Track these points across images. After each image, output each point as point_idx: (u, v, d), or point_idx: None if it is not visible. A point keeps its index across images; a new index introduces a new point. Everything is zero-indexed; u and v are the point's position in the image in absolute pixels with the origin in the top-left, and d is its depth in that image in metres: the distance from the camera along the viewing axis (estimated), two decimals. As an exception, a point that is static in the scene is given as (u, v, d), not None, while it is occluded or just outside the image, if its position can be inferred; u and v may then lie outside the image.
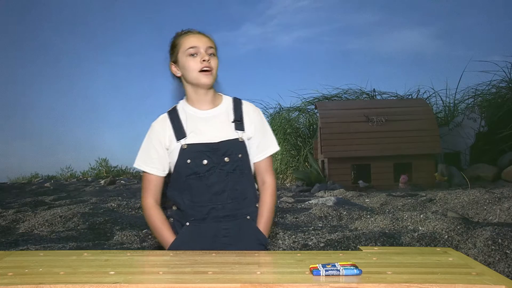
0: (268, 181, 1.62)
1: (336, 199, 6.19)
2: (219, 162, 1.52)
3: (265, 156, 1.62)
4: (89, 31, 21.15)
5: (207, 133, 1.54)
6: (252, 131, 1.59)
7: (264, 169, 1.62)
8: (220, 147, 1.52)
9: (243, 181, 1.56)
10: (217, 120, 1.58)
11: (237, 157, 1.54)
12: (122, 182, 12.39)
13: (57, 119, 21.16)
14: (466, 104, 11.72)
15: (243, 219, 1.57)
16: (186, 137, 1.54)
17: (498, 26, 19.32)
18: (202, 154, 1.51)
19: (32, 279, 1.06)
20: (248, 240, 1.54)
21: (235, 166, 1.53)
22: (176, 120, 1.57)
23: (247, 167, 1.57)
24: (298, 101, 13.75)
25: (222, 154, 1.52)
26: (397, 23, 20.85)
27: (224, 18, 20.66)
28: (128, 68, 21.33)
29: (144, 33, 21.36)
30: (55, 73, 20.64)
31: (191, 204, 1.53)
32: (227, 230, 1.54)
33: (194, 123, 1.57)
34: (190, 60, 1.54)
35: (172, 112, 1.60)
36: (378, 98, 12.67)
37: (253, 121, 1.60)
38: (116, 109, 21.83)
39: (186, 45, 1.54)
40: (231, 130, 1.56)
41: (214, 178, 1.52)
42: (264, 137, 1.62)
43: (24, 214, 5.45)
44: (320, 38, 21.04)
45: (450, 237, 3.60)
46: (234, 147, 1.54)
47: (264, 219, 1.59)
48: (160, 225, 1.56)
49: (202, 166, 1.51)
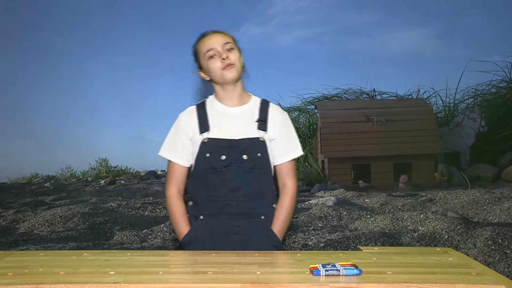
0: (288, 185, 1.62)
1: (336, 199, 6.19)
2: (237, 159, 1.54)
3: (287, 159, 1.62)
4: (89, 31, 21.15)
5: (229, 129, 1.57)
6: (276, 134, 1.60)
7: (286, 172, 1.63)
8: (240, 144, 1.54)
9: (260, 180, 1.57)
10: (241, 118, 1.60)
11: (256, 155, 1.55)
12: (122, 182, 12.38)
13: (57, 119, 21.16)
14: (466, 104, 11.73)
15: (257, 219, 1.57)
16: (209, 131, 1.57)
17: (498, 26, 19.32)
18: (221, 150, 1.54)
19: (32, 279, 1.06)
20: (260, 240, 1.55)
21: (253, 164, 1.55)
22: (202, 113, 1.61)
23: (266, 167, 1.58)
24: (298, 101, 13.78)
25: (241, 152, 1.54)
26: (397, 23, 20.86)
27: (224, 18, 20.67)
28: (128, 68, 21.34)
29: (144, 33, 21.37)
30: (55, 73, 20.65)
31: (206, 198, 1.55)
32: (239, 228, 1.54)
33: (219, 118, 1.59)
34: (210, 62, 1.57)
35: (200, 105, 1.64)
36: (378, 98, 12.68)
37: (277, 123, 1.62)
38: (116, 109, 21.84)
39: (203, 49, 1.58)
40: (253, 129, 1.58)
41: (231, 174, 1.53)
42: (288, 140, 1.63)
43: (24, 214, 5.45)
44: (320, 38, 21.05)
45: (450, 237, 3.60)
46: (254, 145, 1.55)
47: (280, 221, 1.59)
48: (179, 216, 1.58)
49: (220, 161, 1.53)
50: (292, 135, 1.65)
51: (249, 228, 1.55)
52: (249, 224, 1.55)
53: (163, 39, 21.78)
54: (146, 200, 7.07)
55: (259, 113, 1.61)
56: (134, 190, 9.75)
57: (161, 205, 6.25)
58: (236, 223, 1.54)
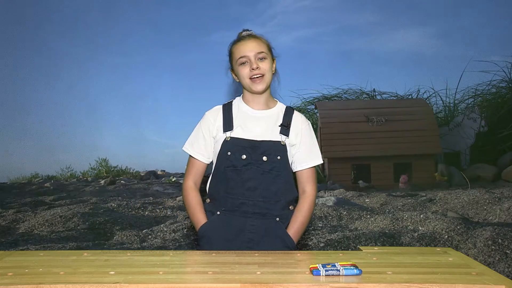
0: (308, 191, 1.66)
1: (336, 199, 6.19)
2: (257, 160, 1.58)
3: (308, 166, 1.66)
4: (89, 31, 21.12)
5: (252, 131, 1.61)
6: (298, 140, 1.64)
7: (306, 178, 1.67)
8: (261, 145, 1.58)
9: (277, 183, 1.60)
10: (265, 121, 1.65)
11: (275, 158, 1.59)
12: (122, 182, 12.38)
13: (57, 119, 21.12)
14: (466, 104, 11.73)
15: (272, 220, 1.60)
16: (232, 131, 1.61)
17: (498, 26, 19.30)
18: (242, 149, 1.58)
19: (32, 279, 1.07)
20: (274, 241, 1.57)
21: (272, 166, 1.59)
22: (228, 113, 1.65)
23: (284, 170, 1.61)
24: (298, 101, 13.75)
25: (261, 153, 1.58)
26: (397, 23, 20.83)
27: (224, 18, 20.63)
28: (128, 68, 21.31)
29: (144, 33, 21.33)
30: (55, 73, 20.61)
31: (225, 195, 1.60)
32: (254, 227, 1.58)
33: (244, 119, 1.64)
34: (241, 69, 1.62)
35: (227, 105, 1.69)
36: (378, 98, 12.68)
37: (300, 131, 1.66)
38: (116, 109, 21.81)
39: (236, 55, 1.62)
40: (276, 133, 1.62)
41: (249, 174, 1.58)
42: (310, 148, 1.67)
43: (24, 214, 5.45)
44: (320, 38, 21.02)
45: (450, 237, 3.60)
46: (274, 148, 1.59)
47: (296, 224, 1.62)
48: (195, 205, 1.64)
49: (240, 160, 1.58)
50: (314, 144, 1.69)
51: (263, 228, 1.58)
52: (264, 225, 1.58)
53: (163, 39, 21.76)
54: (146, 200, 7.07)
55: (283, 118, 1.65)
56: (134, 190, 9.75)
57: (161, 205, 6.25)
58: (251, 222, 1.58)
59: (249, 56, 1.60)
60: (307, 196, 1.66)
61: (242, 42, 1.62)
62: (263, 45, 1.63)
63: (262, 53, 1.61)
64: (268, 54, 1.63)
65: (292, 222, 1.62)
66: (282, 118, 1.65)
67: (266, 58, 1.62)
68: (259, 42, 1.62)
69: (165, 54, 20.34)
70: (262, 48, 1.62)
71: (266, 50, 1.63)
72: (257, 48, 1.61)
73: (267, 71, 1.62)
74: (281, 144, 1.60)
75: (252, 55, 1.60)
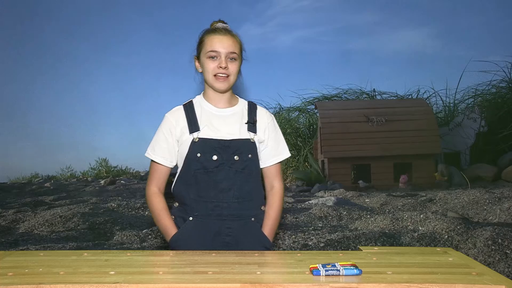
0: (276, 186, 1.64)
1: (336, 199, 6.19)
2: (229, 160, 1.53)
3: (276, 161, 1.64)
4: (89, 31, 21.14)
5: (220, 130, 1.57)
6: (266, 136, 1.61)
7: (274, 174, 1.65)
8: (231, 145, 1.54)
9: (250, 182, 1.57)
10: (231, 119, 1.60)
11: (247, 157, 1.55)
12: (122, 182, 12.38)
13: (57, 119, 21.13)
14: (466, 104, 11.72)
15: (248, 220, 1.57)
16: (200, 131, 1.55)
17: (498, 26, 19.31)
18: (213, 150, 1.53)
19: (32, 279, 1.06)
20: (250, 241, 1.55)
21: (244, 165, 1.55)
22: (191, 113, 1.59)
23: (256, 168, 1.58)
24: (298, 101, 13.77)
25: (233, 152, 1.54)
26: (397, 23, 20.84)
27: (224, 18, 20.54)
28: (128, 68, 21.31)
29: (144, 33, 21.35)
30: (55, 73, 20.62)
31: (196, 199, 1.54)
32: (230, 229, 1.54)
33: (209, 118, 1.59)
34: (209, 62, 1.56)
35: (188, 105, 1.63)
36: (378, 98, 12.68)
37: (266, 126, 1.62)
38: (116, 109, 21.81)
39: (208, 47, 1.55)
40: (244, 131, 1.58)
41: (222, 175, 1.53)
42: (276, 143, 1.64)
43: (24, 214, 5.45)
44: (320, 38, 21.03)
45: (450, 237, 3.60)
46: (245, 147, 1.55)
47: (270, 222, 1.60)
48: (160, 211, 1.57)
49: (211, 161, 1.52)
50: (279, 138, 1.66)
51: (240, 230, 1.55)
52: (240, 226, 1.55)
53: (163, 39, 21.76)
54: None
55: (248, 115, 1.61)
56: (134, 190, 9.75)
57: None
58: (227, 225, 1.54)
59: (220, 53, 1.54)
60: (276, 192, 1.63)
61: (217, 35, 1.55)
62: (237, 45, 1.57)
63: (234, 53, 1.55)
64: (239, 56, 1.58)
65: (265, 220, 1.60)
66: (247, 115, 1.61)
67: (236, 59, 1.57)
68: (234, 41, 1.56)
69: (165, 54, 20.34)
70: (235, 49, 1.56)
71: (238, 52, 1.57)
72: (231, 48, 1.55)
73: (234, 73, 1.56)
74: (251, 142, 1.56)
75: (224, 52, 1.54)
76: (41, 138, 20.03)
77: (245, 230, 1.55)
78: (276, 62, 21.24)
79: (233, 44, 1.56)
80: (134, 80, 20.94)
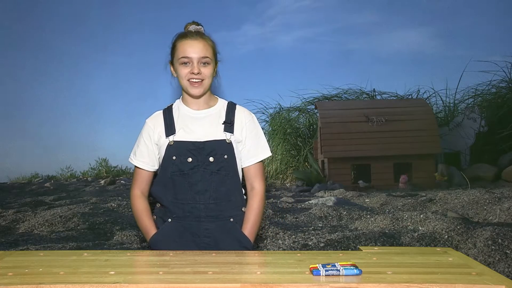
0: (257, 187, 1.62)
1: (336, 199, 6.19)
2: (204, 161, 1.53)
3: (255, 161, 1.62)
4: (88, 31, 21.11)
5: (195, 132, 1.57)
6: (243, 135, 1.60)
7: (253, 174, 1.63)
8: (206, 146, 1.54)
9: (227, 182, 1.56)
10: (207, 120, 1.60)
11: (222, 158, 1.55)
12: (122, 182, 12.38)
13: (57, 119, 21.10)
14: (466, 104, 11.70)
15: (226, 221, 1.57)
16: (175, 134, 1.57)
17: (498, 26, 19.29)
18: (187, 152, 1.54)
19: (32, 279, 1.07)
20: (230, 242, 1.55)
21: (219, 166, 1.54)
22: (169, 117, 1.61)
23: (233, 169, 1.57)
24: (298, 101, 13.72)
25: (207, 154, 1.54)
26: (397, 23, 20.81)
27: (224, 18, 20.60)
28: (128, 68, 21.29)
29: (144, 33, 21.32)
30: (55, 73, 20.59)
31: (173, 201, 1.56)
32: (208, 231, 1.55)
33: (185, 121, 1.59)
34: (181, 68, 1.56)
35: (167, 109, 1.64)
36: (378, 98, 12.66)
37: (244, 125, 1.61)
38: (116, 109, 21.80)
39: (180, 53, 1.56)
40: (220, 131, 1.57)
41: (197, 177, 1.53)
42: (256, 142, 1.63)
43: (24, 214, 5.45)
44: (320, 38, 20.99)
45: (450, 237, 3.60)
46: (220, 147, 1.55)
47: (250, 223, 1.58)
48: (141, 212, 1.60)
49: (186, 163, 1.53)
50: (259, 137, 1.64)
51: (218, 231, 1.55)
52: (218, 227, 1.55)
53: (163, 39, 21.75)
54: (146, 200, 7.07)
55: (225, 115, 1.60)
56: (134, 190, 9.72)
57: (161, 205, 6.24)
58: (204, 226, 1.55)
59: (192, 58, 1.54)
60: (257, 193, 1.61)
61: (188, 41, 1.55)
62: (209, 48, 1.57)
63: (207, 58, 1.55)
64: (212, 59, 1.57)
65: (245, 221, 1.59)
66: (225, 115, 1.60)
67: (209, 63, 1.56)
68: (205, 44, 1.56)
69: (165, 54, 20.30)
70: (207, 53, 1.55)
71: (211, 55, 1.57)
72: (202, 52, 1.54)
73: (208, 76, 1.56)
74: (227, 142, 1.56)
75: (195, 57, 1.54)
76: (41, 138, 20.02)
77: (223, 231, 1.55)
78: (276, 62, 21.20)
79: (205, 48, 1.56)
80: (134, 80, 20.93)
